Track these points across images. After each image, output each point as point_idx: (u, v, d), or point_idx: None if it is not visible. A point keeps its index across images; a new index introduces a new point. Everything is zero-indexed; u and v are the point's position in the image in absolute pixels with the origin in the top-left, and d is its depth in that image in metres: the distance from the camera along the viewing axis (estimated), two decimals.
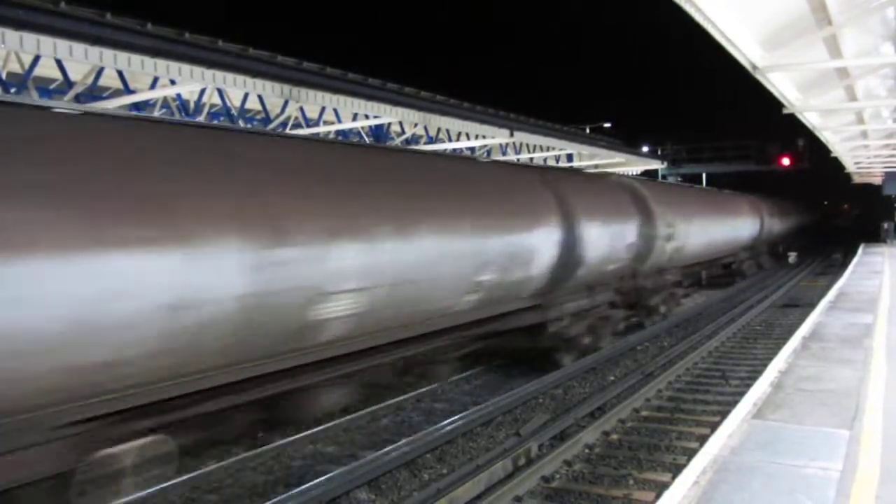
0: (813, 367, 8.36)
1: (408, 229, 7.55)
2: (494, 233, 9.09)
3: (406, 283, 7.51)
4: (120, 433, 5.56)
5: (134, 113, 12.41)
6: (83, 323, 4.73)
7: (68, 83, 12.53)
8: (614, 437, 8.70)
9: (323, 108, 17.10)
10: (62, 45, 9.38)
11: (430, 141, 21.28)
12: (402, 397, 10.02)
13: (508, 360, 12.02)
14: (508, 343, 11.29)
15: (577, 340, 12.30)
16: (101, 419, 5.28)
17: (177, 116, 15.20)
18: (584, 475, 7.43)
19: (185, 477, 6.95)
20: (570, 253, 11.00)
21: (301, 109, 17.31)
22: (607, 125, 47.34)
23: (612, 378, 11.69)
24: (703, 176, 45.29)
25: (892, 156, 26.42)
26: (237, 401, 6.47)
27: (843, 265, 26.44)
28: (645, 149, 40.14)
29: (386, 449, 7.76)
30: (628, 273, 14.28)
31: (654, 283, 15.81)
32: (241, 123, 16.55)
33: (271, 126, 16.99)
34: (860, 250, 30.05)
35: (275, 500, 6.45)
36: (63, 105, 7.56)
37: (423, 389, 10.41)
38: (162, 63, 10.57)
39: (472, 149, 22.24)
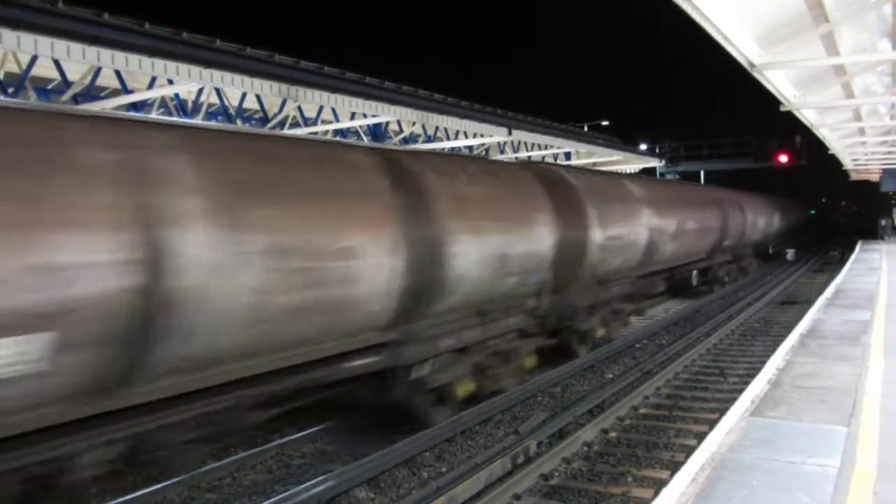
0: (811, 364, 8.38)
1: None
2: None
3: None
4: None
5: None
6: None
7: (66, 83, 12.55)
8: (613, 434, 8.71)
9: (321, 107, 17.12)
10: (60, 45, 9.37)
11: (428, 140, 21.28)
12: None
13: None
14: None
15: None
16: None
17: (174, 116, 15.19)
18: (583, 473, 7.44)
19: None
20: None
21: (299, 108, 17.34)
22: (605, 123, 47.42)
23: (610, 376, 11.71)
24: (702, 173, 45.36)
25: (889, 153, 26.46)
26: None
27: (841, 262, 26.48)
28: (643, 147, 40.20)
29: (385, 449, 7.78)
30: None
31: None
32: (239, 123, 16.55)
33: (270, 125, 17.01)
34: (858, 247, 30.10)
35: (275, 499, 6.46)
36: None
37: None
38: (159, 62, 10.56)
39: (470, 147, 22.24)
